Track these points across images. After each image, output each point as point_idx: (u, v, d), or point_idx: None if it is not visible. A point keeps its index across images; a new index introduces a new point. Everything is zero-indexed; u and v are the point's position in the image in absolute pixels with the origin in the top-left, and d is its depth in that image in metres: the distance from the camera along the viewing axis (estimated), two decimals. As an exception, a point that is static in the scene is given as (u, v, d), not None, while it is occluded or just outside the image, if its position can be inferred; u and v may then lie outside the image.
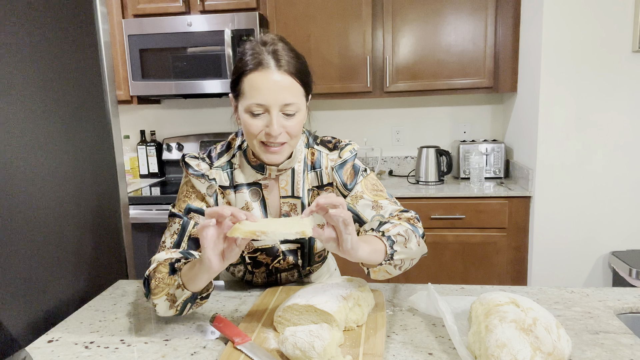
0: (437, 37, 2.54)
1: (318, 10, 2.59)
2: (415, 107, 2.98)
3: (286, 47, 0.98)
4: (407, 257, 0.97)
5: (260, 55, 0.95)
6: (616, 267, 2.19)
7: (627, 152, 2.23)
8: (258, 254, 1.10)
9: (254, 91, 0.94)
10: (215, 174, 1.07)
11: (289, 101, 0.95)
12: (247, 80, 0.95)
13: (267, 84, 0.93)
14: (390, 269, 0.96)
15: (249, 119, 0.96)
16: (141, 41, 2.61)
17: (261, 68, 0.94)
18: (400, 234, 0.97)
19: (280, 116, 0.96)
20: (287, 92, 0.94)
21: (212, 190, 1.06)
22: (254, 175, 1.07)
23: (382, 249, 0.94)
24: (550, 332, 0.73)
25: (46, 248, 1.06)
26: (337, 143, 1.12)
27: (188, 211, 1.06)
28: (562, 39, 2.18)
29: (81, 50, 1.20)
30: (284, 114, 0.96)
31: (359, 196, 1.07)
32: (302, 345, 0.77)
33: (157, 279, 0.93)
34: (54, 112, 1.10)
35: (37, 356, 0.87)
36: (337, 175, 1.09)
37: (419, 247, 1.00)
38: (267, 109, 0.95)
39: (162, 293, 0.92)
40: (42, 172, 1.05)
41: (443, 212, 2.41)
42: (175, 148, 3.04)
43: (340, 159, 1.09)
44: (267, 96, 0.93)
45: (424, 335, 0.89)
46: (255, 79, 0.94)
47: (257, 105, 0.94)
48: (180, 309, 0.93)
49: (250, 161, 1.07)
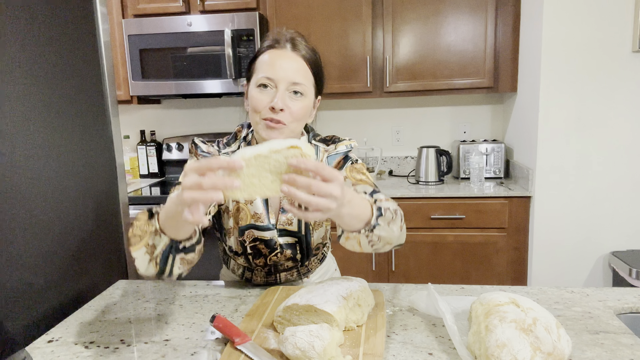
0: (437, 37, 2.54)
1: (318, 10, 2.59)
2: (415, 107, 2.98)
3: (304, 40, 1.05)
4: (385, 236, 0.90)
5: (279, 38, 1.02)
6: (616, 267, 2.19)
7: (627, 152, 2.23)
8: (257, 243, 1.11)
9: (266, 65, 0.99)
10: None
11: (298, 80, 0.98)
12: (262, 57, 1.01)
13: (280, 61, 0.98)
14: (364, 241, 0.88)
15: (256, 93, 0.99)
16: (141, 41, 2.61)
17: (277, 46, 1.00)
18: (390, 209, 0.91)
19: (286, 95, 0.98)
20: (297, 73, 0.99)
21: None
22: None
23: (367, 216, 0.86)
24: (550, 332, 0.73)
25: (46, 248, 1.06)
26: (337, 139, 1.14)
27: None
28: (562, 39, 2.18)
29: (81, 50, 1.20)
30: (291, 92, 0.99)
31: None
32: (302, 345, 0.77)
33: (135, 227, 0.85)
34: (54, 112, 1.10)
35: (37, 356, 0.87)
36: (326, 162, 1.10)
37: (400, 233, 0.94)
38: (275, 84, 0.98)
39: (141, 243, 0.83)
40: (42, 172, 1.05)
41: (443, 212, 2.41)
42: (175, 148, 3.04)
43: (335, 150, 1.11)
44: (277, 71, 0.97)
45: (424, 335, 0.89)
46: (270, 55, 1.00)
47: (267, 78, 0.98)
48: (161, 263, 0.84)
49: None
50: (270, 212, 1.10)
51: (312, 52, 1.04)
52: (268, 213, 1.09)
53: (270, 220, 1.10)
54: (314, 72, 1.03)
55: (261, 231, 1.09)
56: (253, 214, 1.09)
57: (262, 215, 1.09)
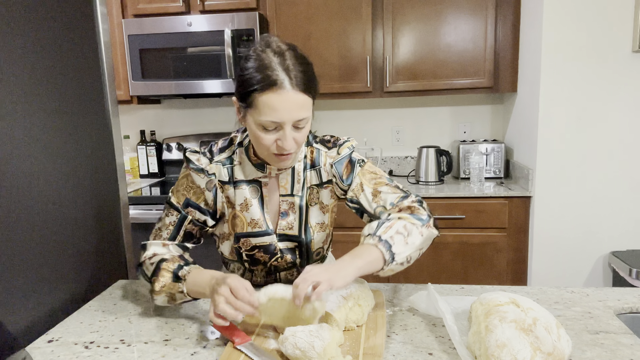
0: (437, 37, 2.54)
1: (318, 10, 2.59)
2: (415, 107, 2.98)
3: (295, 57, 0.96)
4: (411, 251, 0.97)
5: (274, 72, 0.92)
6: (616, 267, 2.19)
7: (627, 152, 2.23)
8: (256, 252, 1.11)
9: (269, 110, 0.93)
10: (215, 168, 1.08)
11: (302, 116, 0.96)
12: (262, 98, 0.92)
13: (283, 105, 0.92)
14: (397, 267, 0.96)
15: (261, 133, 0.96)
16: (141, 41, 2.61)
17: (276, 88, 0.92)
18: (399, 231, 0.96)
19: (292, 129, 0.96)
20: (301, 110, 0.95)
21: (212, 185, 1.08)
22: (254, 173, 1.08)
23: (379, 257, 0.94)
24: (550, 332, 0.73)
25: (46, 248, 1.06)
26: (336, 141, 1.14)
27: (186, 205, 1.08)
28: (562, 39, 2.18)
29: (81, 50, 1.20)
30: (295, 127, 0.97)
31: (360, 189, 1.09)
32: (302, 345, 0.77)
33: (160, 282, 0.99)
34: (54, 112, 1.10)
35: (37, 356, 0.87)
36: (336, 171, 1.10)
37: (424, 237, 0.99)
38: (281, 125, 0.95)
39: (164, 293, 1.00)
40: (42, 172, 1.05)
41: (443, 212, 2.41)
42: (175, 148, 3.04)
43: (339, 155, 1.11)
44: (282, 115, 0.93)
45: (424, 335, 0.89)
46: (270, 99, 0.92)
47: (272, 122, 0.94)
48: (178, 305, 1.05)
49: (251, 159, 1.08)
50: (269, 217, 1.10)
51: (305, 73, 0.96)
52: (266, 219, 1.09)
53: (269, 225, 1.09)
54: (312, 94, 0.98)
55: (259, 237, 1.09)
56: (250, 221, 1.09)
57: (259, 221, 1.09)
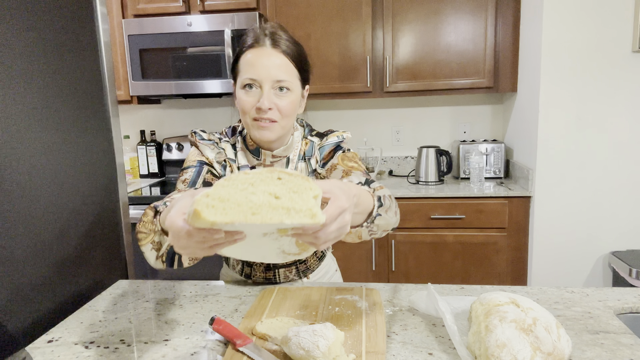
0: (437, 37, 2.54)
1: (318, 10, 2.59)
2: (415, 107, 2.98)
3: (285, 33, 1.02)
4: (384, 224, 0.91)
5: (258, 35, 1.00)
6: (616, 267, 2.19)
7: (627, 152, 2.23)
8: None
9: (248, 66, 0.98)
10: (224, 145, 1.10)
11: (281, 77, 0.98)
12: (244, 57, 1.00)
13: (261, 60, 0.97)
14: (364, 233, 0.89)
15: (242, 95, 0.99)
16: (141, 41, 2.61)
17: (257, 45, 0.99)
18: (387, 197, 0.93)
19: (272, 93, 0.98)
20: (279, 70, 0.98)
21: (221, 157, 1.09)
22: (251, 161, 1.11)
23: (370, 208, 0.86)
24: (550, 332, 0.73)
25: (46, 248, 1.06)
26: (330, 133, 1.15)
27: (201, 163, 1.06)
28: (562, 39, 2.18)
29: (81, 50, 1.20)
30: (276, 89, 0.98)
31: (334, 167, 1.07)
32: (306, 345, 0.76)
33: (142, 222, 0.88)
34: (54, 112, 1.10)
35: (37, 356, 0.87)
36: (318, 153, 1.11)
37: (396, 218, 0.96)
38: (260, 84, 0.97)
39: (147, 240, 0.86)
40: (42, 172, 1.05)
41: (443, 212, 2.41)
42: (175, 148, 3.04)
43: (327, 141, 1.12)
44: (260, 71, 0.97)
45: (424, 335, 0.89)
46: (250, 55, 0.98)
47: (250, 79, 0.97)
48: (167, 260, 0.86)
49: (248, 144, 1.10)
50: None
51: (293, 45, 1.01)
52: None
53: None
54: (297, 64, 1.01)
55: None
56: None
57: None
